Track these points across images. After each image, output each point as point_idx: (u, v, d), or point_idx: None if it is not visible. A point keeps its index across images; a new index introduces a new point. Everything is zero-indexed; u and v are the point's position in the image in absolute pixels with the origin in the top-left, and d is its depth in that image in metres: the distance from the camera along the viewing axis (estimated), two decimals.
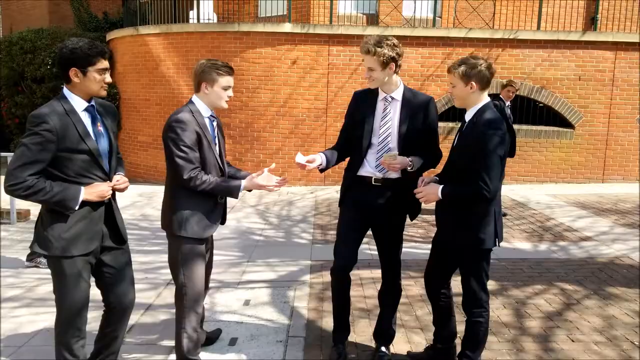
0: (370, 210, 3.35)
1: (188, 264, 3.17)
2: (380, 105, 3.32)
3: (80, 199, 2.71)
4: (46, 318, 4.28)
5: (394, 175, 3.30)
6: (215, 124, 3.25)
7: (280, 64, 10.27)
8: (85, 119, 2.74)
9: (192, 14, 11.86)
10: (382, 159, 3.17)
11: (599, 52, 10.22)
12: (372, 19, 11.77)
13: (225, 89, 3.15)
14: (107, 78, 2.74)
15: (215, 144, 3.21)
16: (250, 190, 3.29)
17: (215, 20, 11.81)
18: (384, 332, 3.59)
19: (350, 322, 3.62)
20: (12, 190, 2.64)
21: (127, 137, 11.87)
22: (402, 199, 3.32)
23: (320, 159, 3.31)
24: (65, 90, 2.73)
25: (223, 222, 3.37)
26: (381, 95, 3.32)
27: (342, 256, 3.36)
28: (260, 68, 10.30)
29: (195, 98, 3.17)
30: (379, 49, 3.10)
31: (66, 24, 15.08)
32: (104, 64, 2.71)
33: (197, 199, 3.13)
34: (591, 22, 12.05)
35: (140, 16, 12.11)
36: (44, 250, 2.77)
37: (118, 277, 2.99)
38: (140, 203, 8.82)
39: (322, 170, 3.39)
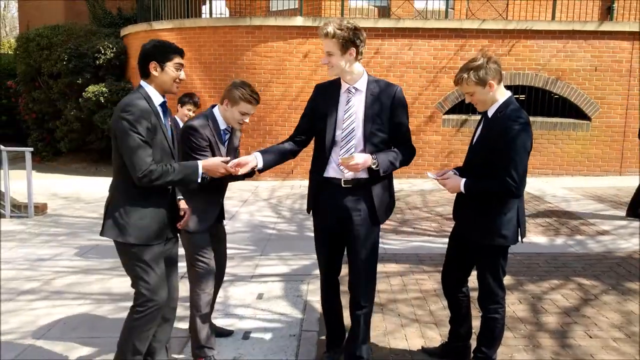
0: (343, 216, 3.09)
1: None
2: (343, 98, 3.06)
3: (200, 171, 2.86)
4: (63, 311, 4.34)
5: (364, 175, 3.03)
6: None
7: (292, 58, 10.25)
8: (161, 112, 2.90)
9: (205, 9, 11.87)
10: (340, 160, 2.95)
11: (615, 42, 10.05)
12: (384, 11, 11.68)
13: (243, 114, 3.28)
14: (182, 75, 2.90)
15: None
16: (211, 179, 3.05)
17: (228, 15, 11.81)
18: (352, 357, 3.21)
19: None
20: (143, 177, 2.71)
21: None
22: (376, 200, 3.08)
23: (254, 160, 3.02)
24: (144, 83, 2.89)
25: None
26: (344, 86, 3.07)
27: (323, 265, 3.28)
28: (272, 62, 10.29)
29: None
30: (338, 31, 2.87)
31: (81, 20, 15.18)
32: (181, 60, 2.90)
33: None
34: (607, 11, 11.84)
35: (153, 12, 12.15)
36: (124, 239, 2.81)
37: (170, 270, 3.08)
38: None
39: (260, 171, 3.11)
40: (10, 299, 4.65)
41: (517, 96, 10.39)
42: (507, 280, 4.77)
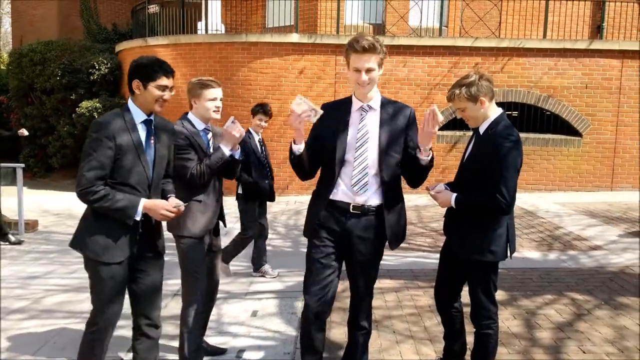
0: (346, 242, 2.91)
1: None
2: (355, 116, 2.90)
3: (140, 209, 2.77)
4: (52, 330, 4.28)
5: (376, 201, 2.88)
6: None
7: (287, 74, 10.31)
8: (141, 131, 2.85)
9: (200, 25, 11.95)
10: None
11: (605, 60, 10.19)
12: (379, 29, 11.80)
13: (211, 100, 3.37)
14: (166, 96, 2.84)
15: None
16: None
17: (223, 31, 11.89)
18: None
19: None
20: (83, 194, 2.72)
21: None
22: (388, 231, 2.92)
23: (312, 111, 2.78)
24: (129, 100, 2.88)
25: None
26: (356, 104, 2.91)
27: (316, 298, 2.89)
28: (268, 78, 10.34)
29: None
30: (379, 46, 2.76)
31: (76, 35, 15.23)
32: (165, 81, 2.81)
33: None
34: (597, 30, 12.03)
35: (149, 27, 12.22)
36: (80, 251, 2.86)
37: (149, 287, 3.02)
38: None
39: (295, 158, 2.87)
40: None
41: (510, 113, 10.49)
42: (500, 295, 4.78)
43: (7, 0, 25.51)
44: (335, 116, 2.91)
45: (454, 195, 3.00)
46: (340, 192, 2.88)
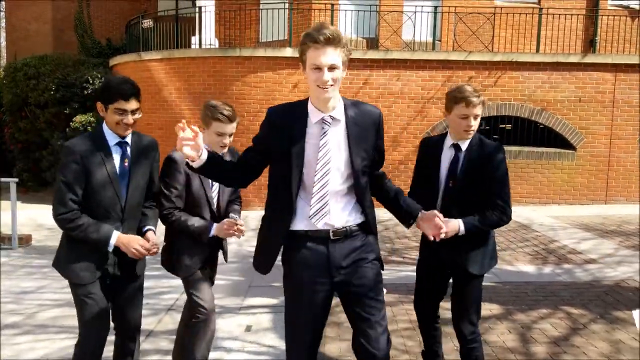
0: (334, 277, 2.44)
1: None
2: (314, 130, 2.37)
3: (112, 242, 2.77)
4: (47, 345, 4.23)
5: (356, 220, 2.47)
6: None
7: (281, 88, 10.34)
8: (115, 153, 2.80)
9: (194, 40, 11.99)
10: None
11: (598, 74, 10.27)
12: (372, 43, 11.87)
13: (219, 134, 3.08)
14: (127, 119, 2.73)
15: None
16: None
17: (217, 46, 11.93)
18: None
19: None
20: (59, 220, 2.73)
21: None
22: (371, 244, 2.54)
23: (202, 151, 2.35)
24: (103, 123, 2.83)
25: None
26: (314, 114, 2.37)
27: (305, 347, 2.51)
28: (262, 92, 10.37)
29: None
30: (343, 39, 2.29)
31: (70, 50, 15.24)
32: (124, 105, 2.71)
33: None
34: (590, 44, 12.15)
35: (143, 42, 12.25)
36: (59, 271, 2.88)
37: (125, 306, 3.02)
38: None
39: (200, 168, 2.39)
40: None
41: (504, 126, 10.55)
42: (495, 309, 4.77)
43: (1, 14, 25.59)
44: (289, 130, 2.38)
45: (460, 222, 2.91)
46: (299, 222, 2.44)
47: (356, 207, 2.49)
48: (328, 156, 2.37)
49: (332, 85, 2.28)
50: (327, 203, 2.39)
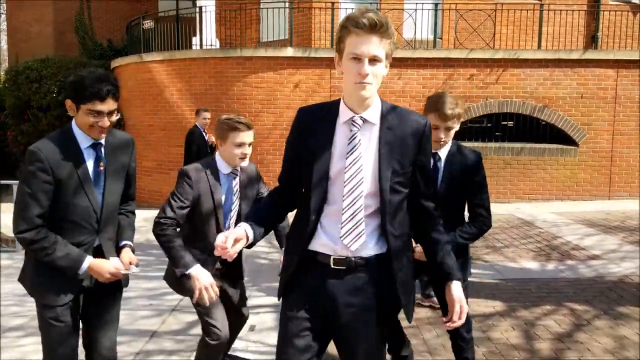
0: (327, 309, 2.02)
1: None
2: (342, 132, 2.01)
3: (84, 268, 2.44)
4: None
5: (372, 250, 2.00)
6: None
7: (282, 88, 10.35)
8: (88, 157, 2.47)
9: (195, 40, 12.00)
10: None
11: (600, 70, 10.24)
12: None
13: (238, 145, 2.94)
14: (102, 122, 2.38)
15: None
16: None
17: (218, 46, 11.94)
18: None
19: None
20: (21, 239, 2.41)
21: None
22: (389, 288, 2.04)
23: (244, 233, 2.01)
24: (73, 123, 2.47)
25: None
26: (345, 114, 2.01)
27: None
28: (263, 92, 10.37)
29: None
30: (391, 29, 1.92)
31: (71, 52, 15.28)
32: (100, 106, 2.35)
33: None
34: (592, 40, 12.12)
35: (144, 43, 12.27)
36: (25, 287, 2.60)
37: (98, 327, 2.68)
38: (145, 228, 8.78)
39: (250, 246, 2.15)
40: None
41: (506, 123, 10.53)
42: (499, 306, 4.76)
43: (2, 17, 25.64)
44: (317, 132, 2.04)
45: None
46: (319, 243, 2.02)
47: (379, 233, 2.02)
48: (358, 165, 1.97)
49: (371, 82, 1.91)
50: (362, 221, 1.97)
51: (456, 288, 2.04)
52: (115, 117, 2.42)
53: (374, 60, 1.89)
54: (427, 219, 2.13)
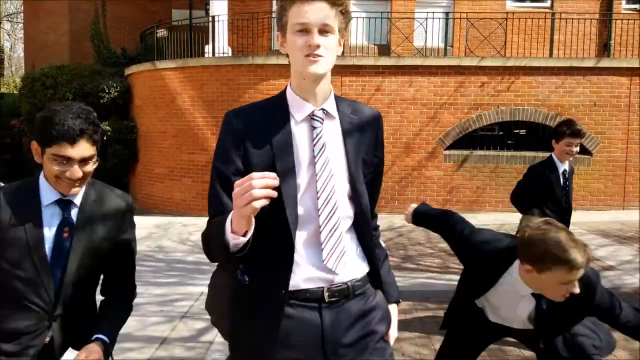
0: (325, 350, 1.60)
1: None
2: (300, 131, 1.62)
3: None
4: None
5: (364, 267, 1.69)
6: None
7: None
8: (48, 217, 1.86)
9: (208, 49, 12.10)
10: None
11: (613, 78, 10.17)
12: (384, 50, 11.88)
13: None
14: (71, 172, 1.77)
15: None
16: None
17: (230, 54, 12.02)
18: None
19: None
20: None
21: (144, 170, 12.04)
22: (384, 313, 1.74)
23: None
24: (42, 173, 1.90)
25: None
26: (300, 108, 1.62)
27: None
28: None
29: None
30: None
31: (87, 60, 15.47)
32: (67, 151, 1.76)
33: None
34: (604, 48, 12.05)
35: (157, 51, 12.40)
36: None
37: None
38: (157, 234, 8.84)
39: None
40: None
41: (518, 131, 10.48)
42: None
43: (19, 26, 26.02)
44: (262, 137, 1.59)
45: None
46: (301, 277, 1.58)
47: (359, 249, 1.71)
48: (329, 167, 1.60)
49: (324, 55, 1.53)
50: (342, 237, 1.61)
51: (393, 311, 1.81)
52: (92, 167, 1.84)
53: (324, 31, 1.53)
54: (374, 230, 1.82)
